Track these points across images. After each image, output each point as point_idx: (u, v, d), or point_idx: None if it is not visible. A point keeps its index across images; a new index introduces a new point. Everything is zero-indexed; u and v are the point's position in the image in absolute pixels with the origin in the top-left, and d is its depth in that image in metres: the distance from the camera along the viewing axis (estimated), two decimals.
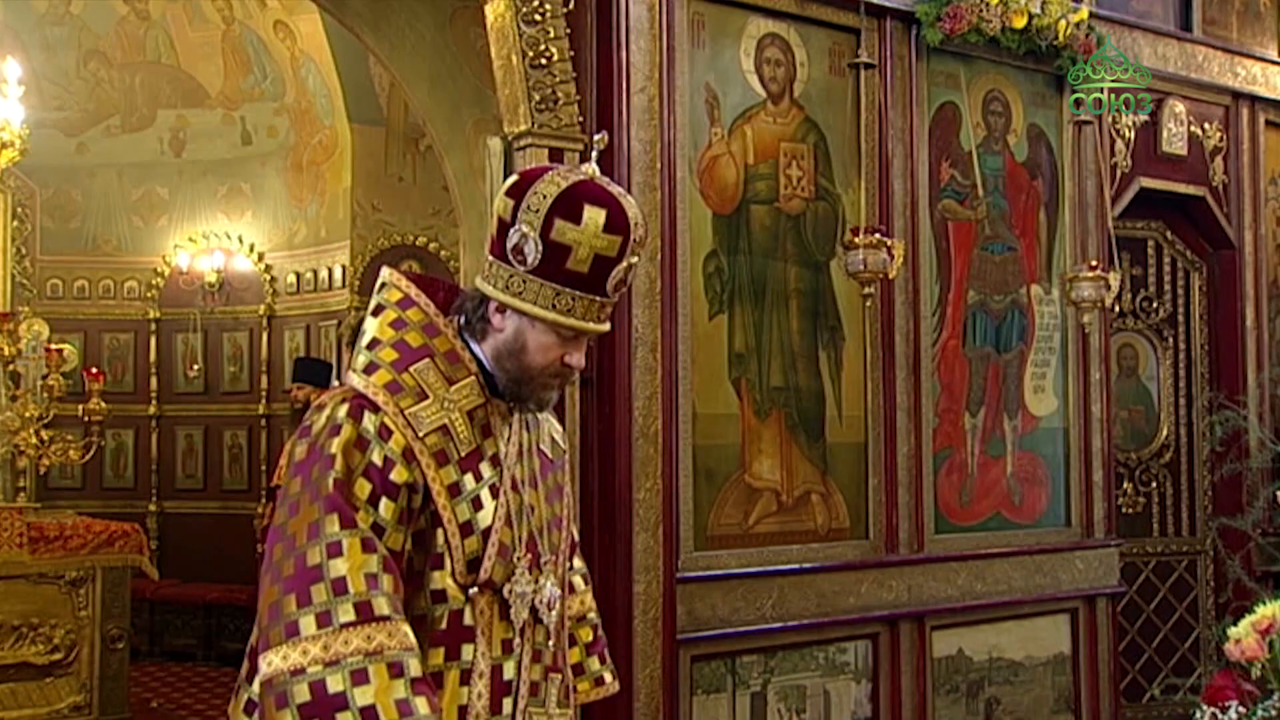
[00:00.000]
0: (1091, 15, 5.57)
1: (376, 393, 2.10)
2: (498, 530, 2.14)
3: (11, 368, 7.15)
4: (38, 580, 6.26)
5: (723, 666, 4.59)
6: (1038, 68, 5.57)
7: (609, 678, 2.59)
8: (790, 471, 4.81)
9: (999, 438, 5.44)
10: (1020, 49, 5.38)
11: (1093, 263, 5.32)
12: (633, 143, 4.43)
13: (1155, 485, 6.42)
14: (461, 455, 2.13)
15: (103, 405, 7.08)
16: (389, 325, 2.18)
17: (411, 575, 2.09)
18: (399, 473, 2.05)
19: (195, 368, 9.44)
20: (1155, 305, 6.47)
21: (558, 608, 2.24)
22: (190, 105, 9.36)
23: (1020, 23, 5.23)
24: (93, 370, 7.31)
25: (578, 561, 2.54)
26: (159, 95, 9.36)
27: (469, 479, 2.13)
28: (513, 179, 2.17)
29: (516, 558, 2.17)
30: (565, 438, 2.46)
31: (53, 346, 7.55)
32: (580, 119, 4.40)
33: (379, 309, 2.21)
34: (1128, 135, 5.98)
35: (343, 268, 8.91)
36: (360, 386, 2.12)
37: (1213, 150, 6.38)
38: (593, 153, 2.23)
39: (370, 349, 2.16)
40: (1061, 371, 5.66)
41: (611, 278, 2.12)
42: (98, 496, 9.16)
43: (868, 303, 4.84)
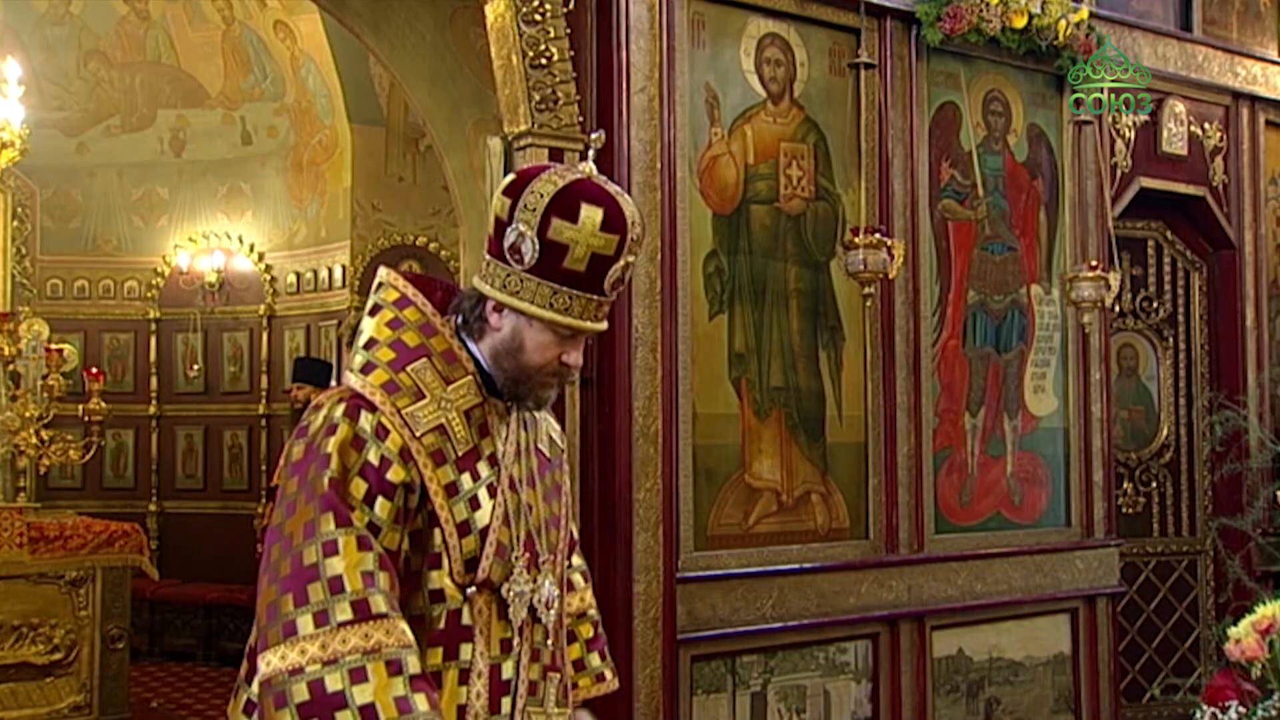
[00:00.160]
0: (1091, 15, 5.57)
1: (373, 392, 2.09)
2: (495, 530, 2.13)
3: (11, 368, 7.15)
4: (38, 580, 6.25)
5: (723, 666, 4.59)
6: (1038, 68, 5.57)
7: (609, 675, 2.58)
8: (790, 471, 4.81)
9: (999, 438, 5.44)
10: (1020, 49, 5.38)
11: (1093, 263, 5.32)
12: (633, 143, 4.42)
13: (1155, 485, 6.42)
14: (459, 455, 2.12)
15: (103, 405, 7.08)
16: (386, 325, 2.18)
17: (409, 575, 2.09)
18: (395, 472, 2.05)
19: (195, 368, 9.43)
20: (1155, 305, 6.47)
21: (556, 607, 2.24)
22: (190, 105, 9.36)
23: (1020, 23, 5.23)
24: (93, 370, 7.32)
25: (577, 559, 2.53)
26: (159, 95, 9.36)
27: (466, 478, 2.12)
28: (510, 178, 2.16)
29: (514, 557, 2.16)
30: (563, 437, 2.45)
31: (53, 346, 7.56)
32: (580, 119, 4.40)
33: (376, 309, 2.21)
34: (1128, 135, 5.98)
35: (343, 268, 8.91)
36: (357, 386, 2.11)
37: (1213, 150, 6.37)
38: (590, 151, 2.23)
39: (367, 349, 2.16)
40: (1061, 371, 5.66)
41: (609, 276, 2.12)
42: (98, 496, 9.16)
43: (868, 303, 4.84)
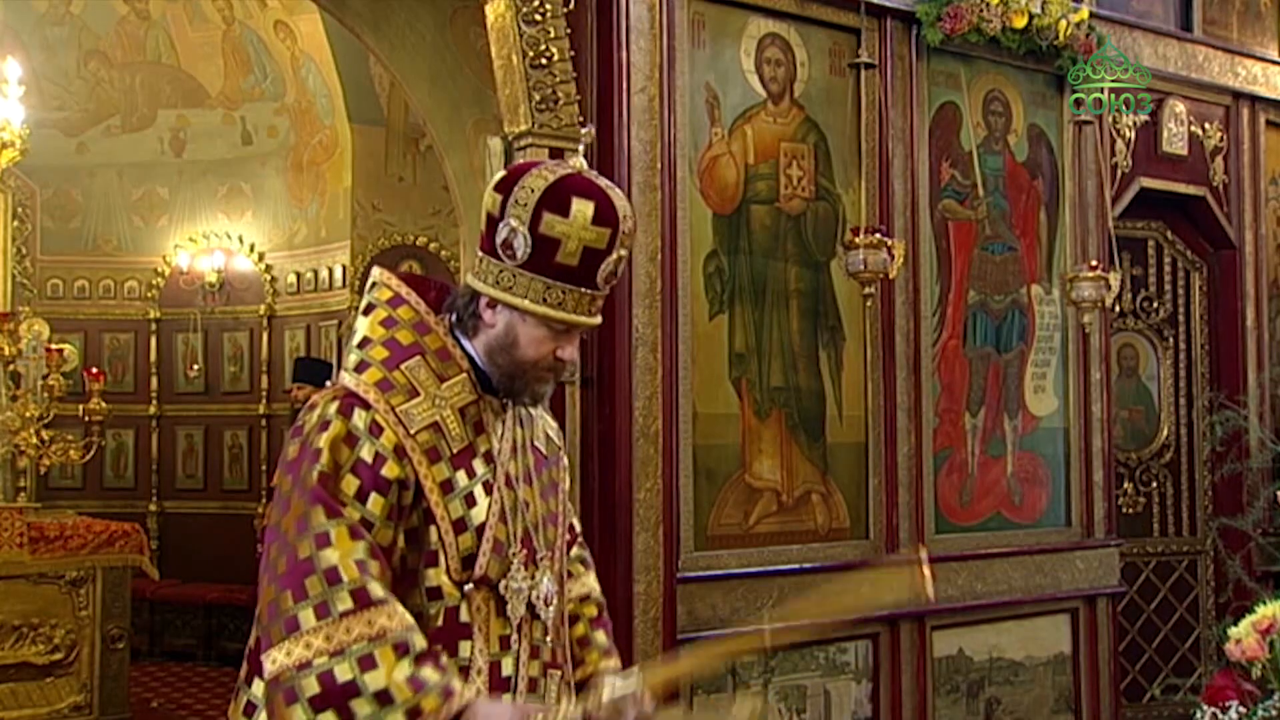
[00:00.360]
0: (1092, 15, 5.57)
1: (367, 390, 2.10)
2: (492, 526, 2.14)
3: (12, 368, 7.16)
4: (38, 580, 6.26)
5: (723, 666, 4.58)
6: (1038, 68, 5.57)
7: (615, 654, 2.56)
8: (790, 471, 4.80)
9: (999, 438, 5.44)
10: (1020, 49, 5.38)
11: (1093, 263, 5.32)
12: (633, 143, 4.42)
13: (1155, 485, 6.42)
14: (454, 452, 2.13)
15: (103, 405, 7.09)
16: (379, 324, 2.19)
17: (406, 573, 2.09)
18: (390, 468, 2.06)
19: (195, 368, 9.43)
20: (1155, 305, 6.47)
21: (555, 604, 2.24)
22: (190, 105, 9.35)
23: (1020, 23, 5.23)
24: (93, 370, 7.32)
25: (577, 550, 2.54)
26: (159, 95, 9.36)
27: (461, 475, 2.13)
28: (500, 174, 2.18)
29: (511, 554, 2.17)
30: (560, 434, 2.45)
31: (53, 346, 7.56)
32: (580, 119, 4.40)
33: (369, 308, 2.22)
34: (1128, 135, 5.98)
35: (343, 268, 8.91)
36: (351, 385, 2.12)
37: (1213, 150, 6.37)
38: (580, 146, 2.25)
39: (361, 348, 2.17)
40: (1062, 371, 5.66)
41: (602, 270, 2.13)
42: (98, 496, 9.15)
43: (868, 303, 4.84)
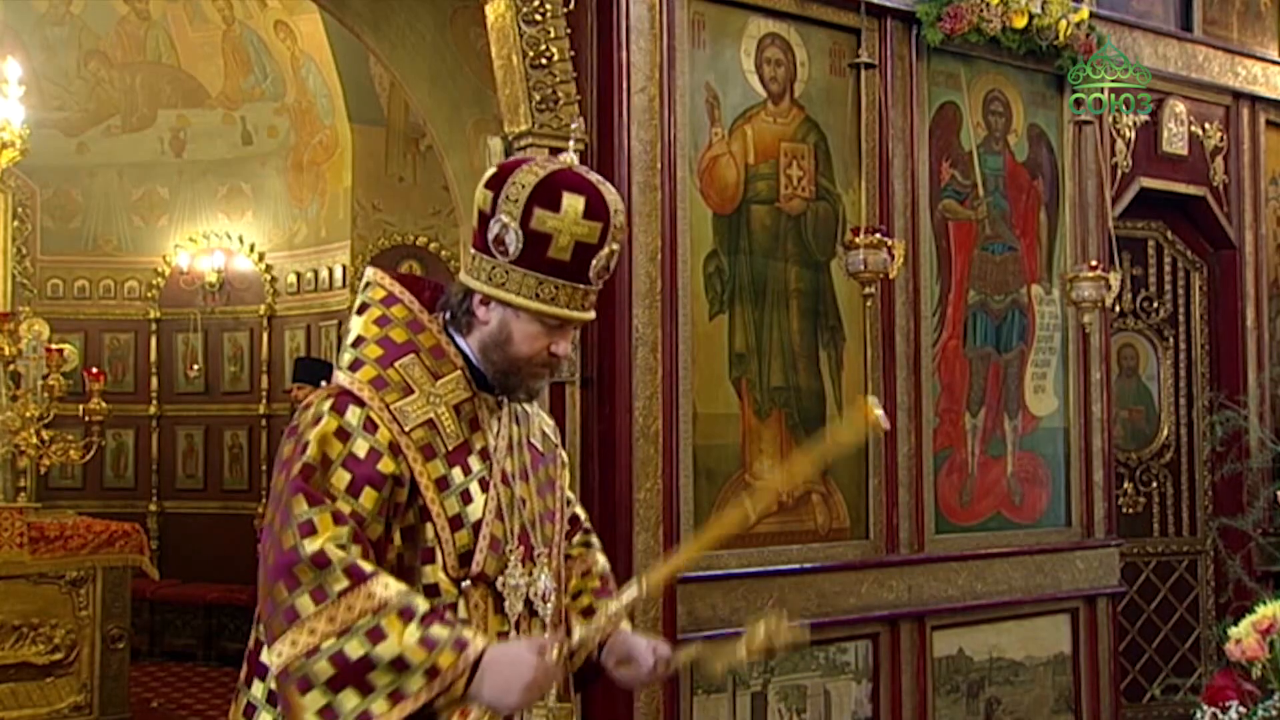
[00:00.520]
0: (1092, 15, 5.56)
1: (361, 388, 2.11)
2: (489, 523, 2.15)
3: (12, 368, 7.16)
4: (38, 580, 6.26)
5: (721, 668, 4.57)
6: (1038, 68, 5.57)
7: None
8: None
9: (999, 438, 5.44)
10: (1021, 49, 5.38)
11: (1093, 263, 5.32)
12: (633, 143, 4.42)
13: (1156, 485, 6.42)
14: (449, 449, 2.14)
15: (103, 405, 7.08)
16: (373, 322, 2.20)
17: (403, 570, 2.10)
18: (385, 464, 2.07)
19: (195, 368, 9.43)
20: (1156, 305, 6.47)
21: (553, 600, 2.25)
22: (191, 105, 9.35)
23: (1021, 23, 5.23)
24: (93, 370, 7.32)
25: (581, 536, 2.53)
26: (159, 95, 9.36)
27: (457, 472, 2.14)
28: (491, 171, 2.19)
29: (509, 550, 2.17)
30: (556, 431, 2.46)
31: (53, 346, 7.55)
32: (581, 119, 4.40)
33: (363, 307, 2.23)
34: (1128, 135, 5.97)
35: (343, 268, 8.91)
36: (345, 383, 2.13)
37: (1213, 150, 6.37)
38: (570, 142, 2.25)
39: (355, 346, 2.18)
40: (1062, 371, 5.66)
41: (594, 265, 2.14)
42: (98, 496, 9.15)
43: (868, 303, 4.83)
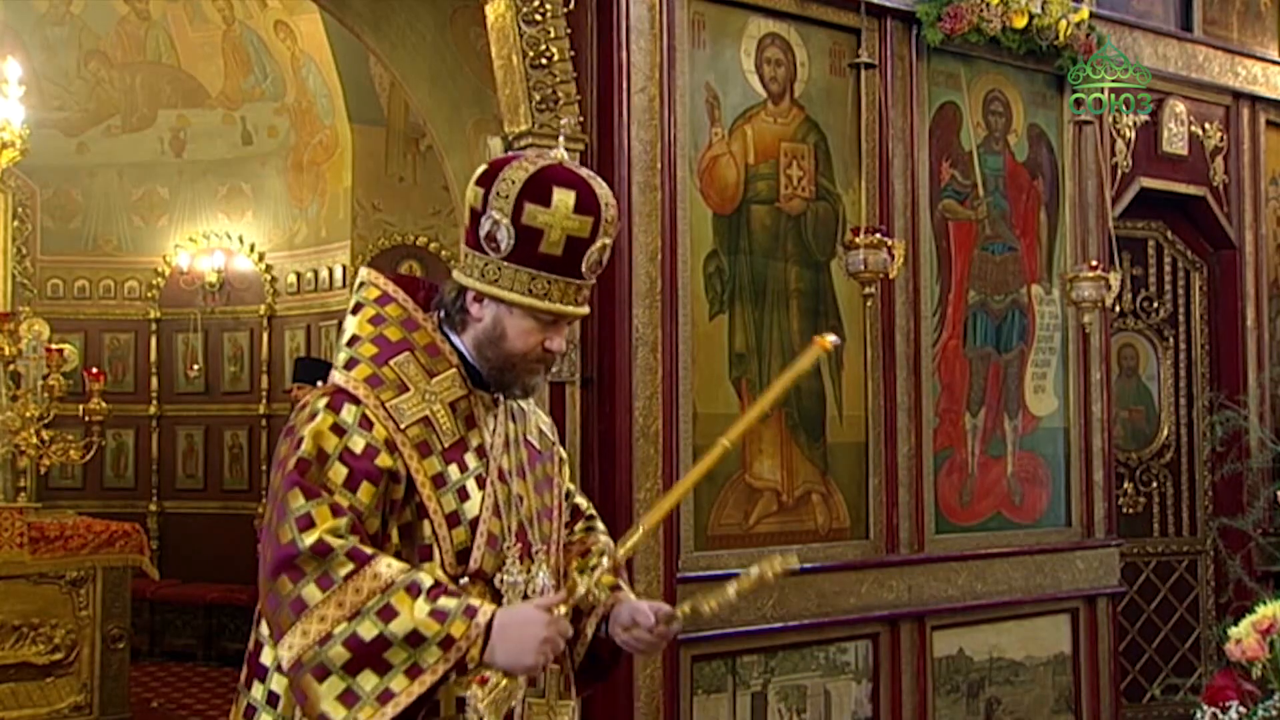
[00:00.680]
0: (1092, 15, 5.57)
1: (356, 386, 2.12)
2: (486, 520, 2.15)
3: (12, 368, 7.16)
4: (38, 580, 6.25)
5: (723, 666, 4.59)
6: (1038, 68, 5.57)
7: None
8: (791, 471, 4.81)
9: (999, 438, 5.44)
10: (1021, 49, 5.38)
11: (1093, 263, 5.32)
12: (633, 143, 4.42)
13: (1156, 485, 6.42)
14: (445, 446, 2.14)
15: (103, 405, 7.08)
16: (368, 321, 2.21)
17: None
18: (383, 459, 2.07)
19: (195, 368, 9.43)
20: (1156, 305, 6.47)
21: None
22: (191, 105, 9.35)
23: (1021, 23, 5.23)
24: (93, 370, 7.32)
25: (583, 523, 2.53)
26: (159, 95, 9.36)
27: (453, 469, 2.14)
28: (482, 168, 2.19)
29: (506, 547, 2.18)
30: (554, 429, 2.47)
31: (53, 346, 7.55)
32: (581, 119, 4.40)
33: (358, 307, 2.24)
34: (1128, 135, 5.97)
35: (343, 268, 8.90)
36: (341, 382, 2.14)
37: (1213, 150, 6.37)
38: (560, 137, 2.26)
39: (350, 345, 2.19)
40: (1062, 371, 5.66)
41: (586, 259, 2.14)
42: (98, 496, 9.15)
43: (868, 303, 4.84)
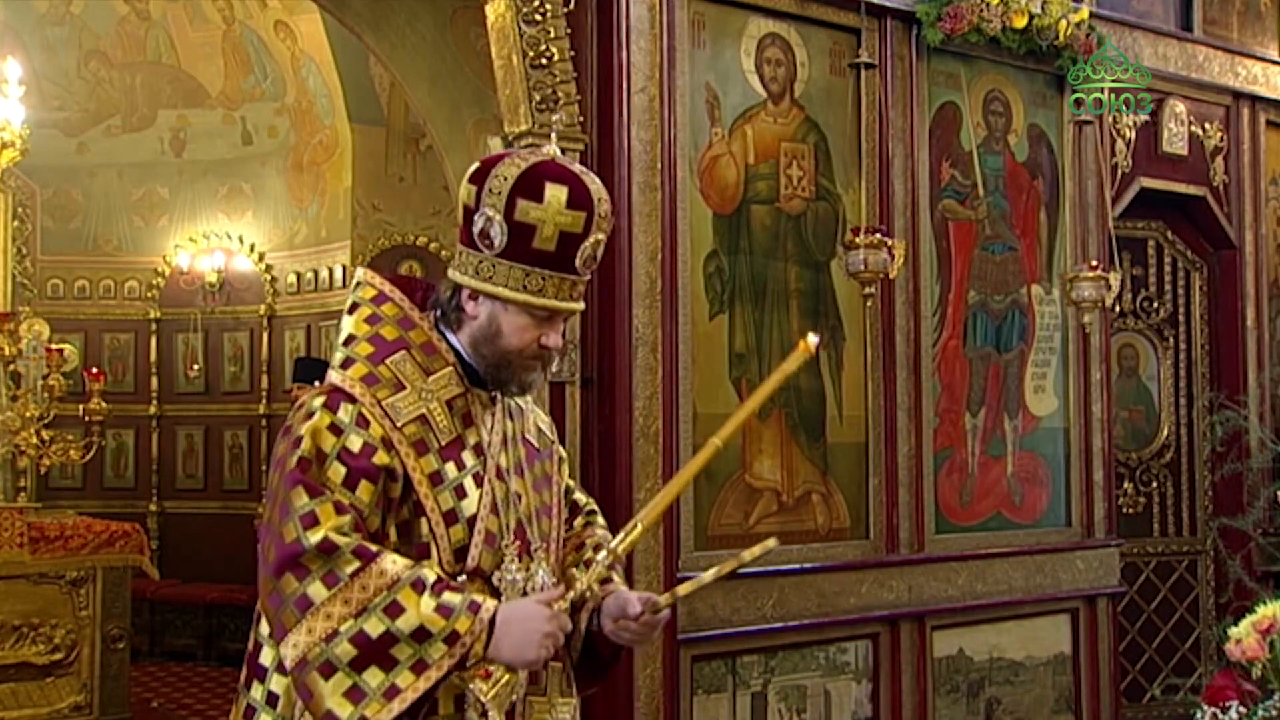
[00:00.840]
0: (1092, 15, 5.57)
1: (352, 385, 2.13)
2: (483, 518, 2.16)
3: (12, 368, 7.16)
4: (38, 580, 6.25)
5: (723, 666, 4.59)
6: (1038, 68, 5.57)
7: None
8: (791, 471, 4.81)
9: (999, 438, 5.44)
10: (1021, 49, 5.38)
11: (1093, 263, 5.32)
12: (633, 143, 4.42)
13: (1156, 485, 6.42)
14: (442, 444, 2.15)
15: (103, 405, 7.08)
16: (364, 321, 2.22)
17: None
18: (380, 457, 2.08)
19: (196, 368, 9.43)
20: (1156, 305, 6.47)
21: None
22: (191, 105, 9.35)
23: (1021, 23, 5.23)
24: (93, 370, 7.32)
25: (582, 518, 2.54)
26: (159, 95, 9.36)
27: (450, 467, 2.15)
28: (474, 166, 2.20)
29: (504, 545, 2.18)
30: (553, 427, 2.47)
31: (53, 346, 7.55)
32: (580, 119, 4.40)
33: (354, 306, 2.25)
34: (1128, 135, 5.97)
35: (343, 268, 8.90)
36: (337, 381, 2.15)
37: (1213, 150, 6.37)
38: (552, 134, 2.26)
39: (347, 345, 2.20)
40: (1062, 371, 5.66)
41: (580, 254, 2.14)
42: (98, 496, 9.15)
43: (868, 303, 4.84)
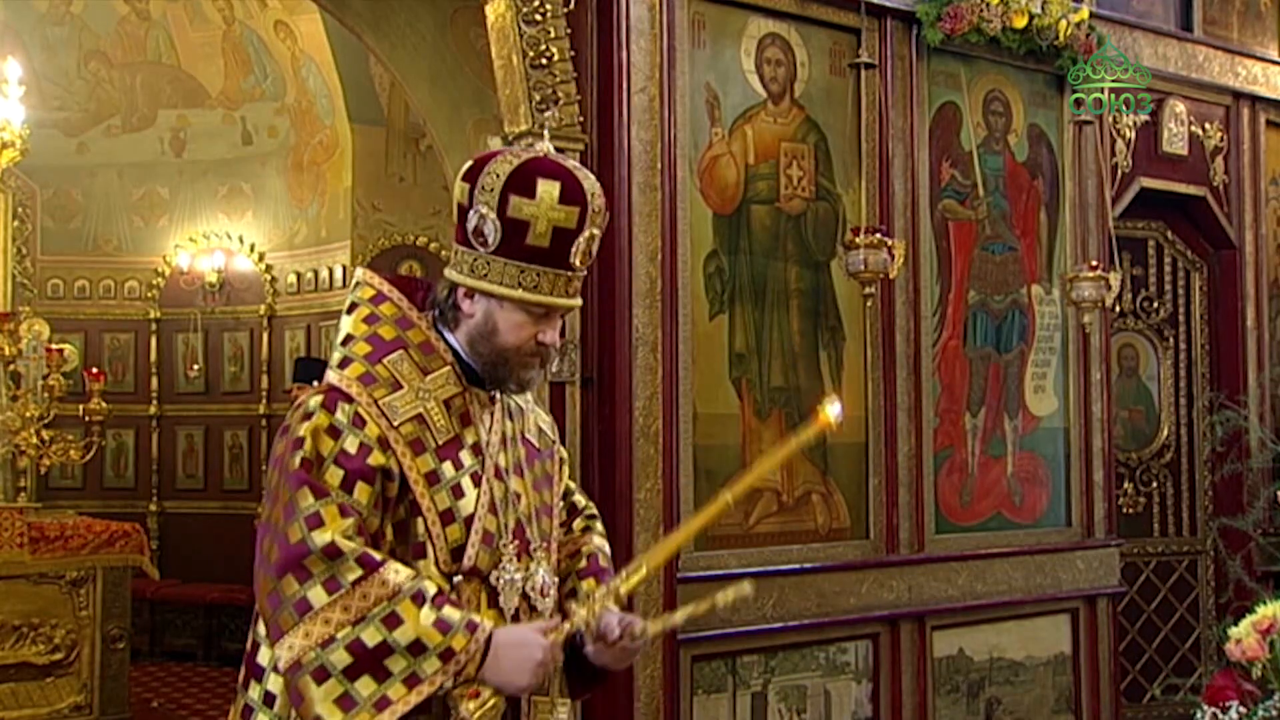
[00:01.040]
0: (1092, 15, 5.57)
1: (349, 385, 2.13)
2: (481, 518, 2.16)
3: (12, 368, 7.15)
4: (38, 580, 6.25)
5: (723, 666, 4.59)
6: (1038, 68, 5.57)
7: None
8: (791, 471, 4.80)
9: (999, 438, 5.44)
10: (1021, 49, 5.38)
11: (1093, 263, 5.32)
12: (633, 143, 4.42)
13: (1156, 485, 6.42)
14: (439, 444, 2.15)
15: (103, 405, 7.08)
16: (362, 321, 2.22)
17: None
18: (375, 457, 2.08)
19: (196, 368, 9.43)
20: (1156, 305, 6.47)
21: (552, 594, 2.25)
22: (191, 105, 9.35)
23: (1021, 23, 5.23)
24: (93, 370, 7.32)
25: (580, 521, 2.53)
26: (159, 95, 9.36)
27: (448, 467, 2.15)
28: (467, 164, 2.20)
29: (502, 545, 2.18)
30: (553, 427, 2.47)
31: (53, 346, 7.55)
32: (580, 119, 4.40)
33: (353, 306, 2.25)
34: (1128, 135, 5.97)
35: (343, 268, 8.90)
36: (334, 380, 2.15)
37: (1213, 150, 6.37)
38: (545, 130, 2.26)
39: (344, 345, 2.20)
40: (1062, 371, 5.66)
41: (574, 250, 2.14)
42: (98, 496, 9.15)
43: (868, 303, 4.83)
